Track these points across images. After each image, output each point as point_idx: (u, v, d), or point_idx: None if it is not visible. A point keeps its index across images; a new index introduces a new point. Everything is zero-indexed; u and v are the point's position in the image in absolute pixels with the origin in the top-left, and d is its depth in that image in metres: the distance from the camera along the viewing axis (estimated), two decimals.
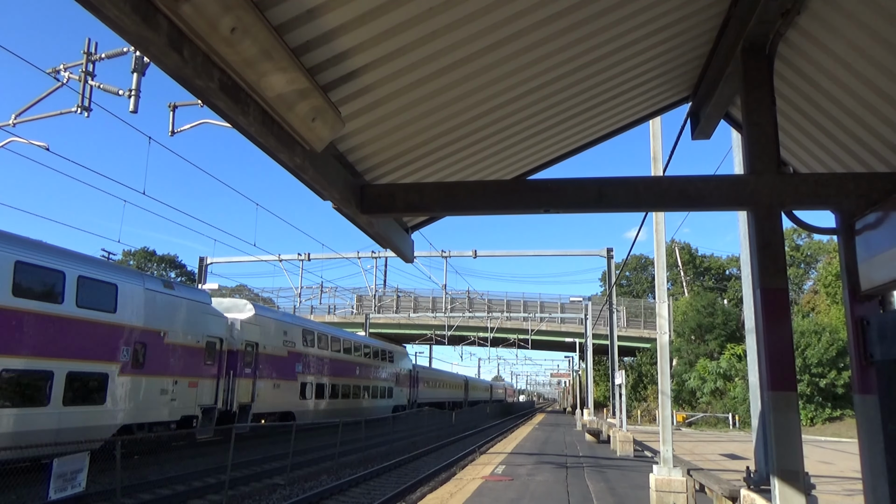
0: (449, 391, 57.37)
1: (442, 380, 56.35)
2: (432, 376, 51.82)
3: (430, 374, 51.07)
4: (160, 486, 13.16)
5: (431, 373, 52.86)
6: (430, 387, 49.20)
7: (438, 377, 54.79)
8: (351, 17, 3.32)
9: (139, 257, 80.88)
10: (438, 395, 52.32)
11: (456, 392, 60.58)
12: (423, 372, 48.34)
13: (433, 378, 51.87)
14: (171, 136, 15.25)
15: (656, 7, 4.35)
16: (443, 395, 54.40)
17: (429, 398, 48.18)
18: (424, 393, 47.09)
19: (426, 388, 47.83)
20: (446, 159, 5.47)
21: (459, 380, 65.48)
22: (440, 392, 53.20)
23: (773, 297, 4.20)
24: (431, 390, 49.75)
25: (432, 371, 54.59)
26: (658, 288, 11.75)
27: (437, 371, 57.78)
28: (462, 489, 11.55)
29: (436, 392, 51.26)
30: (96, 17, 2.42)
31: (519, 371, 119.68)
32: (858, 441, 4.09)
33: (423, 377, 47.53)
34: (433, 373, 53.89)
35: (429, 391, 48.75)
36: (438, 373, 57.01)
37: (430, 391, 49.16)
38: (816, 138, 5.26)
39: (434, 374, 53.88)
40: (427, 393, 48.16)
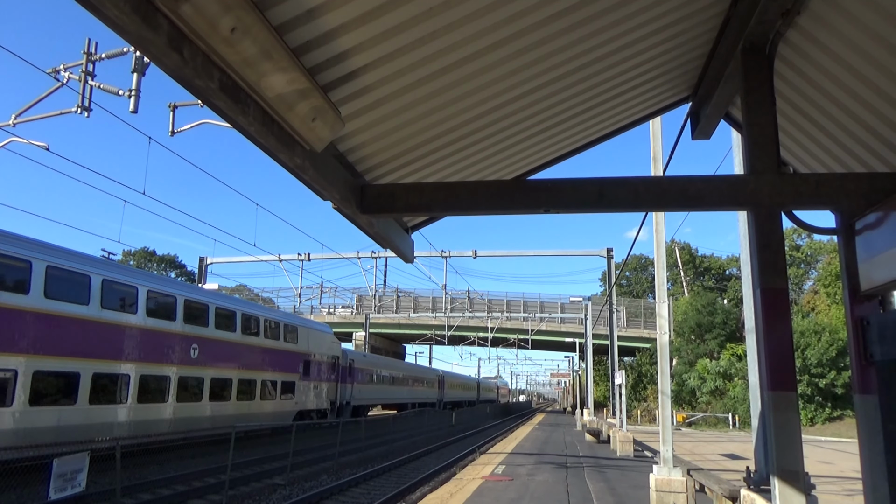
0: (411, 389, 45.69)
1: (398, 374, 42.89)
2: (380, 368, 38.96)
3: (375, 366, 37.94)
4: (160, 486, 13.16)
5: (378, 363, 39.14)
6: (376, 383, 37.52)
7: (391, 370, 41.54)
8: (351, 17, 3.32)
9: (139, 257, 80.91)
10: (392, 395, 40.71)
11: (423, 391, 48.73)
12: (363, 361, 35.24)
13: (381, 371, 38.85)
14: (171, 136, 15.26)
15: (656, 7, 4.35)
16: (399, 394, 42.65)
17: (375, 398, 37.45)
18: (366, 391, 35.24)
19: (369, 386, 35.86)
20: (446, 159, 5.47)
21: (431, 375, 53.43)
22: (395, 391, 41.55)
23: (773, 297, 4.20)
24: (379, 388, 37.97)
25: (379, 361, 40.17)
26: (658, 288, 11.75)
27: (389, 362, 43.15)
28: (462, 489, 11.55)
29: (387, 391, 39.75)
30: (96, 16, 2.42)
31: (519, 371, 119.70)
32: (858, 441, 4.09)
33: (363, 369, 34.80)
34: (381, 363, 39.95)
35: (374, 389, 36.91)
36: (391, 364, 42.84)
37: (375, 389, 37.26)
38: (816, 138, 5.26)
39: (383, 364, 40.17)
40: (371, 391, 36.36)
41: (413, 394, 46.23)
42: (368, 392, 36.08)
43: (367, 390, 35.89)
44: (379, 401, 39.34)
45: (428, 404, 48.47)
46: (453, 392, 59.26)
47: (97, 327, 15.10)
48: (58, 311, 13.95)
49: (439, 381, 54.25)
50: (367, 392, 35.65)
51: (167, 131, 15.12)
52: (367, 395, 35.69)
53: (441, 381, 54.88)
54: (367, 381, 35.54)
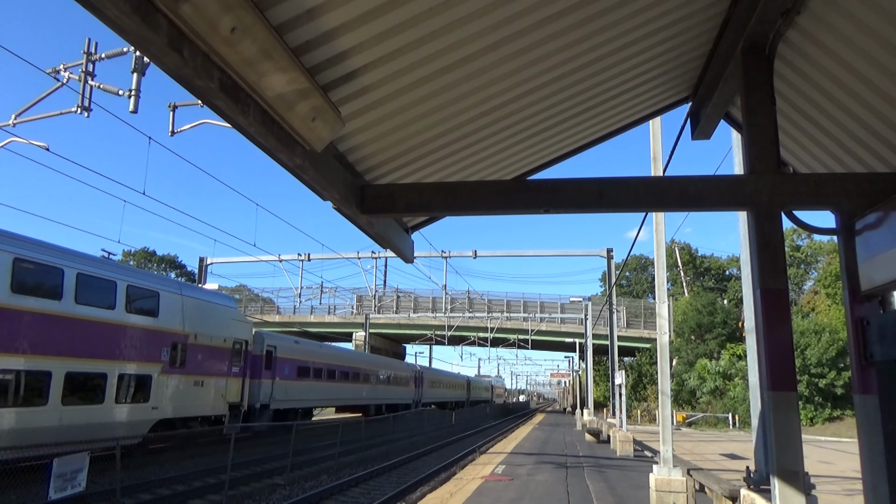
0: (374, 388, 36.15)
1: (353, 368, 33.00)
2: (321, 360, 28.93)
3: (312, 356, 28.21)
4: (160, 486, 13.17)
5: (317, 353, 29.14)
6: (314, 378, 28.07)
7: (342, 362, 31.74)
8: (351, 17, 3.32)
9: (139, 257, 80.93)
10: (341, 394, 31.74)
11: (392, 390, 40.01)
12: (291, 349, 26.28)
13: (322, 363, 28.96)
14: (171, 136, 15.26)
15: (656, 7, 4.35)
16: (353, 393, 33.01)
17: (312, 398, 28.03)
18: (298, 390, 26.26)
19: (302, 382, 26.82)
20: (446, 159, 5.47)
21: (403, 371, 43.82)
22: (346, 389, 32.01)
23: (773, 297, 4.20)
24: (318, 385, 28.58)
25: (319, 350, 29.88)
26: (658, 288, 11.75)
27: (336, 353, 32.88)
28: (462, 489, 11.55)
29: (333, 389, 30.43)
30: (96, 17, 2.42)
31: (519, 371, 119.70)
32: (858, 441, 4.09)
33: (292, 359, 26.03)
34: (322, 353, 29.78)
35: (310, 387, 27.71)
36: (341, 355, 32.64)
37: (313, 387, 27.95)
38: (816, 138, 5.26)
39: (326, 355, 30.10)
40: (306, 390, 27.27)
41: (377, 393, 36.76)
42: (301, 391, 26.66)
43: (299, 389, 26.42)
44: (319, 402, 29.88)
45: (401, 406, 40.45)
46: (436, 392, 50.92)
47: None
48: None
49: (416, 378, 45.43)
50: (298, 391, 26.32)
51: (167, 131, 15.13)
52: (298, 395, 26.34)
53: (419, 377, 46.07)
54: (297, 376, 26.16)
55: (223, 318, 20.72)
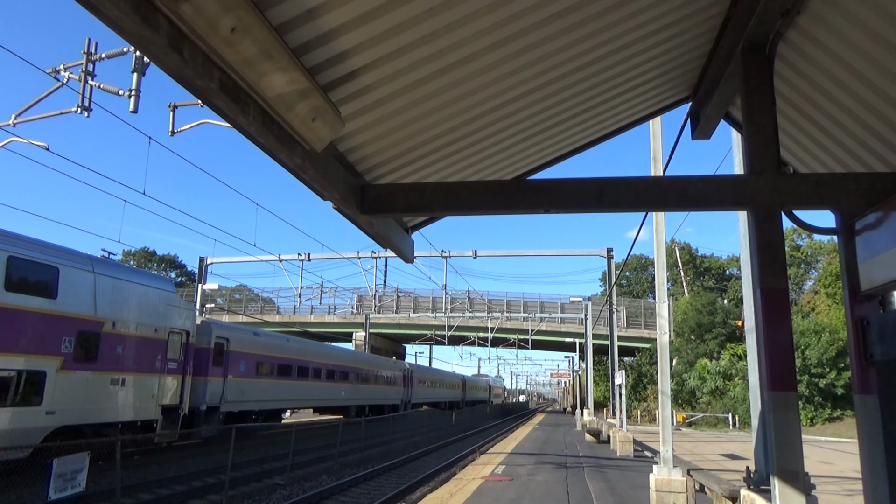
0: (355, 388, 32.83)
1: (327, 365, 29.49)
2: (285, 354, 25.65)
3: (273, 350, 24.67)
4: (160, 486, 13.17)
5: (280, 347, 25.61)
6: (277, 377, 24.62)
7: (311, 358, 27.84)
8: (351, 17, 3.32)
9: (139, 257, 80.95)
10: (312, 394, 27.92)
11: (376, 389, 36.52)
12: (246, 342, 22.65)
13: (285, 358, 25.56)
14: (171, 136, 15.26)
15: (656, 7, 4.35)
16: (328, 393, 29.52)
17: (274, 398, 24.21)
18: (256, 389, 22.67)
19: (260, 381, 23.14)
20: (446, 159, 5.47)
21: (390, 369, 39.78)
22: (319, 388, 28.36)
23: (773, 297, 4.20)
24: (281, 384, 24.97)
25: (282, 344, 26.07)
26: (658, 288, 11.75)
27: (305, 346, 28.72)
28: (462, 489, 11.55)
29: (301, 388, 26.71)
30: (96, 17, 2.42)
31: (519, 371, 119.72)
32: (858, 441, 4.09)
33: (247, 353, 22.52)
34: (286, 348, 26.16)
35: (271, 386, 23.91)
36: (311, 350, 28.76)
37: (274, 386, 24.20)
38: (816, 138, 5.26)
39: (291, 350, 26.31)
40: (265, 389, 23.48)
41: (359, 393, 33.41)
42: (263, 390, 23.20)
43: (261, 388, 22.99)
44: (287, 403, 26.39)
45: (387, 408, 37.87)
46: (427, 391, 47.59)
47: None
48: None
49: (405, 376, 42.23)
50: (259, 390, 22.84)
51: (167, 131, 15.12)
52: (259, 396, 22.88)
53: (408, 376, 42.80)
54: (257, 373, 22.84)
55: (154, 304, 16.71)
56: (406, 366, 44.51)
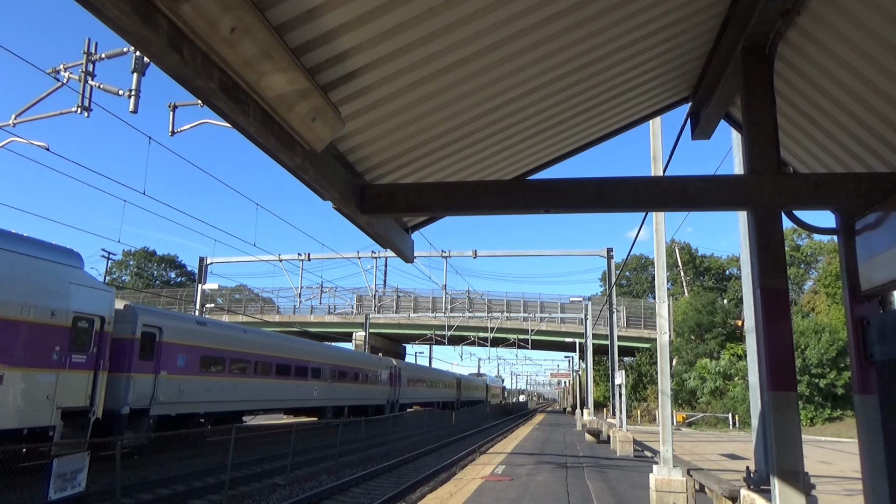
0: (330, 387, 29.50)
1: (295, 360, 26.19)
2: (239, 347, 22.01)
3: (224, 342, 21.08)
4: (160, 486, 13.17)
5: (232, 339, 21.82)
6: (230, 374, 21.26)
7: (273, 352, 24.47)
8: (351, 17, 3.32)
9: (139, 257, 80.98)
10: (276, 393, 24.48)
11: (356, 388, 33.02)
12: (187, 332, 19.20)
13: (240, 351, 21.99)
14: (171, 136, 15.27)
15: (656, 7, 4.35)
16: (296, 392, 26.16)
17: (221, 399, 20.54)
18: (195, 388, 19.09)
19: (202, 378, 19.53)
20: (446, 159, 5.47)
21: (373, 365, 36.44)
22: (283, 387, 25.01)
23: (773, 297, 4.20)
24: (234, 382, 21.43)
25: (234, 335, 22.19)
26: (658, 288, 11.75)
27: (265, 338, 24.96)
28: (462, 489, 11.55)
29: (261, 387, 23.36)
30: (96, 17, 2.42)
31: (519, 371, 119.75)
32: (858, 441, 4.09)
33: (187, 346, 19.01)
34: (242, 341, 22.45)
35: (217, 384, 20.29)
36: (272, 343, 25.01)
37: (222, 384, 20.60)
38: (816, 138, 5.26)
39: (248, 343, 22.73)
40: (209, 388, 19.90)
41: (335, 393, 30.02)
42: (210, 389, 19.73)
43: (207, 387, 19.58)
44: (243, 404, 22.37)
45: (371, 409, 35.25)
46: (418, 391, 45.05)
47: None
48: None
49: (391, 374, 39.10)
50: (204, 390, 19.41)
51: (167, 131, 15.14)
52: (204, 396, 19.46)
53: (395, 374, 39.70)
54: (201, 369, 19.38)
55: (51, 282, 13.31)
56: (393, 363, 40.66)
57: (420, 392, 45.85)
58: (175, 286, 76.00)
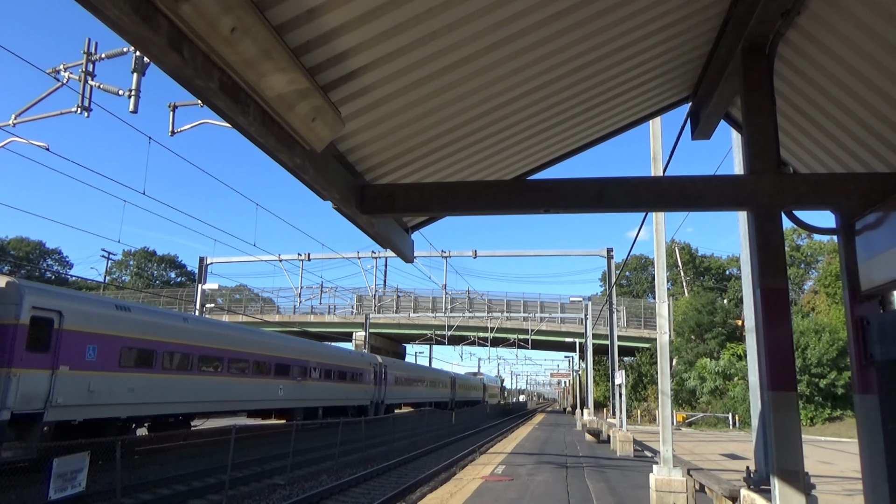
0: (300, 385, 26.36)
1: (261, 354, 23.50)
2: (181, 336, 18.79)
3: (160, 330, 17.78)
4: (160, 486, 13.17)
5: (162, 326, 18.02)
6: (175, 369, 18.26)
7: (227, 346, 21.29)
8: (351, 17, 3.32)
9: (139, 257, 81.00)
10: (239, 393, 21.72)
11: (332, 387, 29.85)
12: (88, 317, 15.02)
13: (187, 338, 19.06)
14: (171, 136, 15.27)
15: (656, 7, 4.35)
16: (261, 391, 23.22)
17: (106, 401, 15.31)
18: (115, 387, 15.69)
19: (123, 375, 15.96)
20: (446, 159, 5.47)
21: (356, 362, 33.51)
22: (243, 386, 22.02)
23: (773, 297, 4.20)
24: (125, 377, 16.07)
25: (167, 322, 18.49)
26: (658, 288, 11.75)
27: (217, 330, 21.52)
28: (462, 489, 11.55)
29: (215, 386, 20.35)
30: (96, 17, 2.42)
31: (519, 371, 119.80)
32: (858, 441, 4.09)
33: (94, 335, 15.11)
34: (179, 329, 18.82)
35: (144, 382, 16.82)
36: (226, 334, 21.70)
37: (150, 383, 17.12)
38: (816, 138, 5.26)
39: (195, 332, 19.65)
40: (132, 387, 16.38)
41: (306, 392, 26.86)
42: (129, 388, 16.34)
43: (125, 385, 16.18)
44: (181, 406, 18.77)
45: (352, 410, 32.15)
46: (406, 391, 42.07)
47: None
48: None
49: (376, 372, 35.84)
50: (122, 388, 16.08)
51: (167, 131, 15.14)
52: (124, 397, 16.13)
53: (380, 372, 36.52)
54: (122, 363, 16.04)
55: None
56: (378, 360, 37.26)
57: (409, 392, 43.03)
58: (175, 286, 76.02)
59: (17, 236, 72.60)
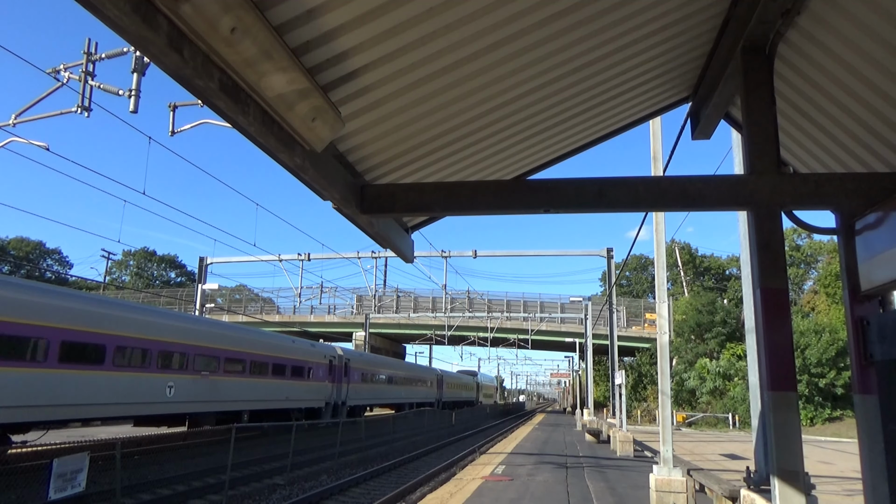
0: (239, 383, 21.95)
1: (191, 345, 19.07)
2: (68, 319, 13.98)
3: None
4: (160, 486, 13.16)
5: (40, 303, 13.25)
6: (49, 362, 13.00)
7: (139, 332, 16.70)
8: (351, 17, 3.32)
9: (139, 257, 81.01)
10: (142, 391, 16.78)
11: (274, 385, 24.23)
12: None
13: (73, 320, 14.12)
14: (171, 136, 15.26)
15: (656, 7, 4.35)
16: (188, 389, 18.77)
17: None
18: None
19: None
20: (446, 159, 5.47)
21: (309, 354, 27.23)
22: (154, 382, 17.24)
23: (773, 297, 4.20)
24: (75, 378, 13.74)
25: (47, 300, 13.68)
26: (658, 288, 11.75)
27: (131, 313, 16.89)
28: (462, 489, 11.55)
29: (122, 383, 15.94)
30: (96, 17, 2.42)
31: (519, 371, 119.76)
32: (858, 441, 4.09)
33: None
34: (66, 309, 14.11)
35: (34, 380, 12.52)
36: (142, 318, 17.15)
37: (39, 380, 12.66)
38: (816, 138, 5.26)
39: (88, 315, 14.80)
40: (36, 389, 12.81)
41: (214, 391, 20.62)
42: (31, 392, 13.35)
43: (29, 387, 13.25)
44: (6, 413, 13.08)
45: (295, 413, 26.41)
46: (376, 389, 35.62)
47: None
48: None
49: (333, 367, 29.66)
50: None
51: (167, 131, 15.14)
52: None
53: (340, 367, 30.39)
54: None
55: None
56: (337, 352, 30.53)
57: (380, 391, 36.44)
58: (175, 286, 76.03)
59: (17, 236, 72.64)
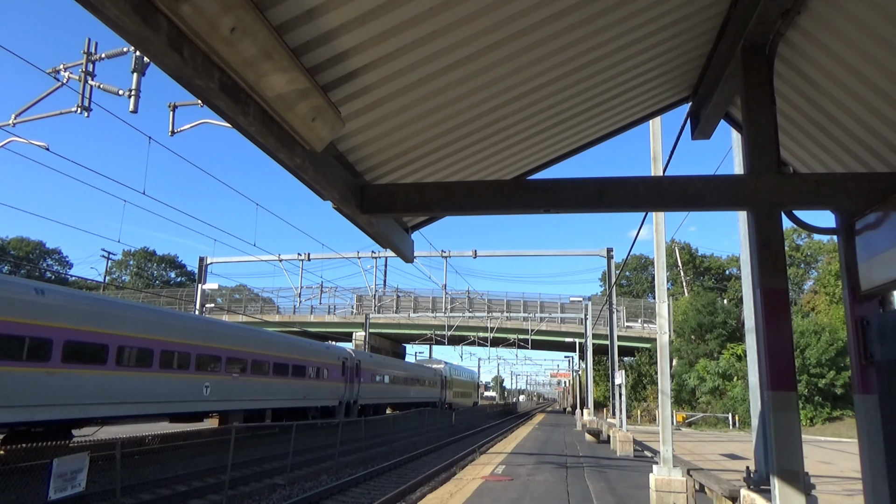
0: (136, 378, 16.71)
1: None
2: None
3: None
4: (160, 486, 13.16)
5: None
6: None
7: None
8: (351, 17, 3.32)
9: (139, 257, 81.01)
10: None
11: (177, 383, 18.46)
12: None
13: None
14: (171, 136, 15.26)
15: (656, 7, 4.35)
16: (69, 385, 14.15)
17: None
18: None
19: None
20: (446, 159, 5.47)
21: (231, 337, 21.63)
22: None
23: (773, 297, 4.20)
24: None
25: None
26: (658, 288, 11.75)
27: None
28: (462, 489, 11.55)
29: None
30: (96, 17, 2.42)
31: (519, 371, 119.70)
32: (858, 441, 4.09)
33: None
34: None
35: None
36: None
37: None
38: (816, 138, 5.26)
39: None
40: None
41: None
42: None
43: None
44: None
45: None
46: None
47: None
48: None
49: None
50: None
51: (167, 131, 15.14)
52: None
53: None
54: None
55: None
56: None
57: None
58: (175, 286, 76.01)
59: (17, 236, 72.63)
